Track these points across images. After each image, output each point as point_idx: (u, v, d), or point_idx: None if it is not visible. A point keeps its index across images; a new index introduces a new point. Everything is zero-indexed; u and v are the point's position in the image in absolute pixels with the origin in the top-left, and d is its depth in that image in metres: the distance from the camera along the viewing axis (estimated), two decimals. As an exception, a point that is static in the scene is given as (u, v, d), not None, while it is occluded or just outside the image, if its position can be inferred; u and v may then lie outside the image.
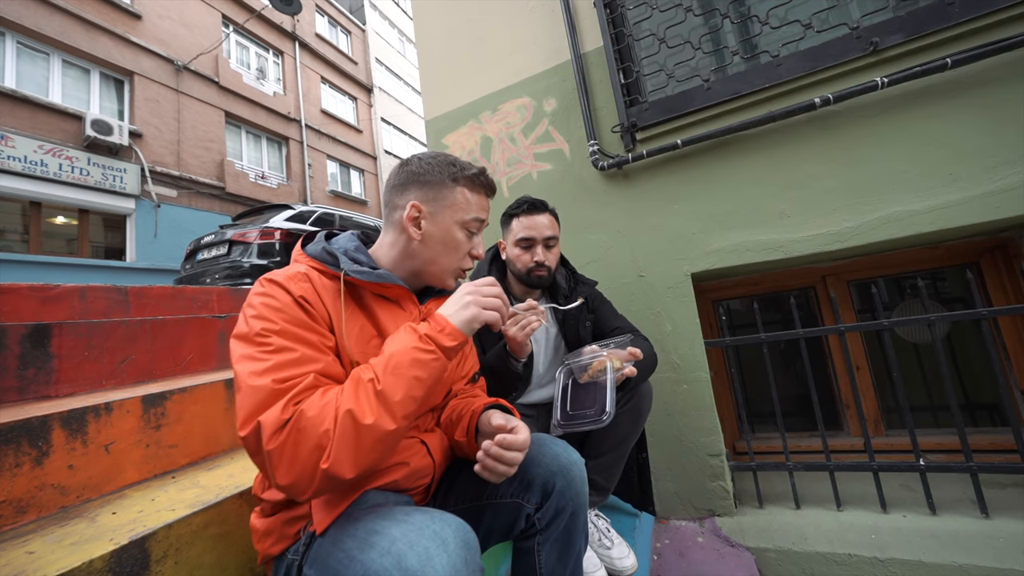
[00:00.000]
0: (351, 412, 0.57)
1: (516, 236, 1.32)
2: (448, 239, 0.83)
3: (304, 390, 0.60)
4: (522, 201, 1.34)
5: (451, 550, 0.56)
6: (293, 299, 0.68)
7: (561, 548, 0.82)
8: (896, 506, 1.40)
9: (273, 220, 4.69)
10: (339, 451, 0.56)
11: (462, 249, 0.84)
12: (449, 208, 0.82)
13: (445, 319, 0.69)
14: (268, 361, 0.61)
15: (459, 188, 0.83)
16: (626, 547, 1.28)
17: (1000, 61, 1.30)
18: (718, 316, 2.01)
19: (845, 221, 1.47)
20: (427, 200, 0.82)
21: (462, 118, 2.22)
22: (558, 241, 1.35)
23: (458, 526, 0.61)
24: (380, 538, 0.57)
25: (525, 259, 1.31)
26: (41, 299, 1.71)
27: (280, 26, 10.68)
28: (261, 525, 0.73)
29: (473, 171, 0.84)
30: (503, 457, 0.70)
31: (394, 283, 0.80)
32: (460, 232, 0.83)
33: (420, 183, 0.82)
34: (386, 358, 0.63)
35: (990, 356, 1.30)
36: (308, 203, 10.05)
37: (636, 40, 1.83)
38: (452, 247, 0.83)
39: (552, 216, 1.34)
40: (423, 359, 0.64)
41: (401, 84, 15.72)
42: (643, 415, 1.28)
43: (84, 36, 6.96)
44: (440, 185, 0.82)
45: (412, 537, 0.56)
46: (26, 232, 6.38)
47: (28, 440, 0.89)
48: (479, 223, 0.85)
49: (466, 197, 0.83)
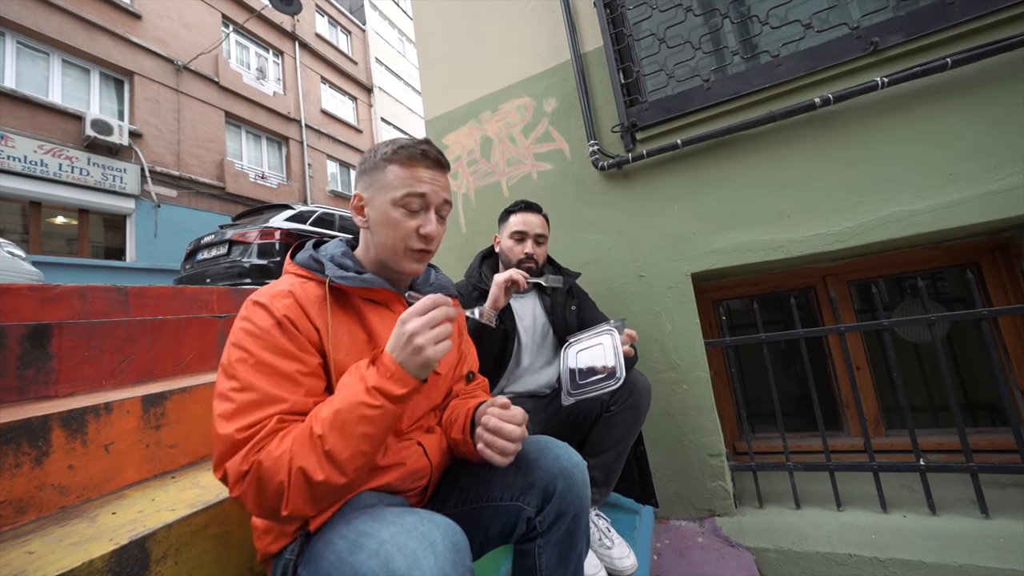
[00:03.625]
0: (303, 470, 0.58)
1: (511, 229, 1.46)
2: (386, 220, 0.80)
3: (264, 437, 0.61)
4: (519, 201, 1.50)
5: (439, 552, 0.56)
6: (275, 321, 0.68)
7: (562, 551, 0.82)
8: (896, 506, 1.40)
9: (273, 220, 4.69)
10: (295, 500, 0.59)
11: (402, 227, 0.79)
12: (382, 189, 0.80)
13: (394, 364, 0.64)
14: (234, 404, 0.63)
15: (390, 167, 0.80)
16: (626, 547, 1.28)
17: (1000, 61, 1.30)
18: (718, 316, 2.01)
19: (845, 221, 1.47)
20: (366, 186, 0.82)
21: (462, 118, 2.22)
22: (547, 241, 1.49)
23: (447, 527, 0.60)
24: (369, 540, 0.57)
25: (517, 250, 1.44)
26: (41, 299, 1.71)
27: (280, 26, 10.68)
28: (261, 523, 0.73)
29: (402, 144, 0.80)
30: (501, 430, 0.71)
31: (380, 287, 0.79)
32: (396, 211, 0.79)
33: (362, 172, 0.83)
34: (332, 413, 0.61)
35: (990, 356, 1.30)
36: (308, 203, 10.05)
37: (636, 40, 1.83)
38: (391, 227, 0.80)
39: (544, 219, 1.49)
40: (370, 415, 0.61)
41: (401, 84, 15.72)
42: (642, 412, 1.29)
43: (84, 36, 6.96)
44: (374, 169, 0.81)
45: (400, 539, 0.56)
46: (26, 232, 6.38)
47: (28, 440, 0.89)
48: (417, 197, 0.79)
49: (396, 174, 0.79)
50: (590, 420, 1.31)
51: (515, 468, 0.81)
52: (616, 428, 1.28)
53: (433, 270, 1.01)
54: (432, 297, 0.66)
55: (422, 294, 0.89)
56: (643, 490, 1.43)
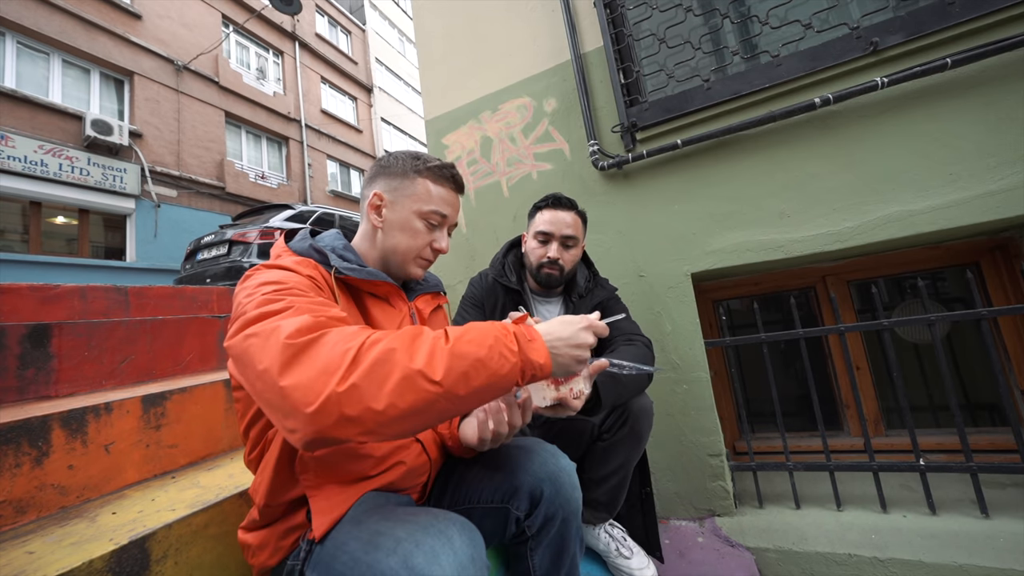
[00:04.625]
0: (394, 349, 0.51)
1: (536, 228, 1.29)
2: (406, 226, 0.83)
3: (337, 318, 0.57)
4: (549, 195, 1.31)
5: (457, 548, 0.56)
6: (302, 276, 0.67)
7: (555, 553, 0.83)
8: (896, 506, 1.40)
9: (273, 220, 4.70)
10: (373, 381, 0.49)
11: (420, 238, 0.84)
12: (409, 197, 0.83)
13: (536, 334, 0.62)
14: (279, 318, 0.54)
15: (421, 179, 0.83)
16: (645, 557, 1.22)
17: (1000, 61, 1.30)
18: (718, 316, 2.01)
19: (845, 221, 1.47)
20: (390, 189, 0.84)
21: (462, 118, 2.22)
22: (578, 243, 1.29)
23: (462, 524, 0.61)
24: (385, 539, 0.56)
25: (539, 253, 1.28)
26: (41, 299, 1.71)
27: (280, 26, 10.68)
28: (254, 539, 0.71)
29: (436, 163, 0.85)
30: None
31: (383, 280, 0.81)
32: (419, 221, 0.83)
33: (386, 174, 0.85)
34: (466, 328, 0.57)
35: (990, 356, 1.30)
36: (308, 203, 10.05)
37: (636, 40, 1.83)
38: (410, 234, 0.83)
39: (578, 216, 1.30)
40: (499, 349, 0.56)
41: (401, 84, 15.72)
42: (643, 436, 1.18)
43: (84, 36, 6.96)
44: (403, 176, 0.83)
45: (418, 536, 0.55)
46: (26, 232, 6.38)
47: (28, 440, 0.89)
48: (440, 217, 0.85)
49: (427, 188, 0.83)
50: (586, 438, 1.22)
51: (503, 470, 0.82)
52: (616, 455, 1.18)
53: None
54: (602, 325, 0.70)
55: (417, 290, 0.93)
56: (647, 537, 1.30)
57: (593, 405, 0.93)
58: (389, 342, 0.52)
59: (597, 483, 1.21)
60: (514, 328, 0.61)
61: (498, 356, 0.56)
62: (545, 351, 0.61)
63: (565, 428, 1.21)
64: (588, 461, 1.22)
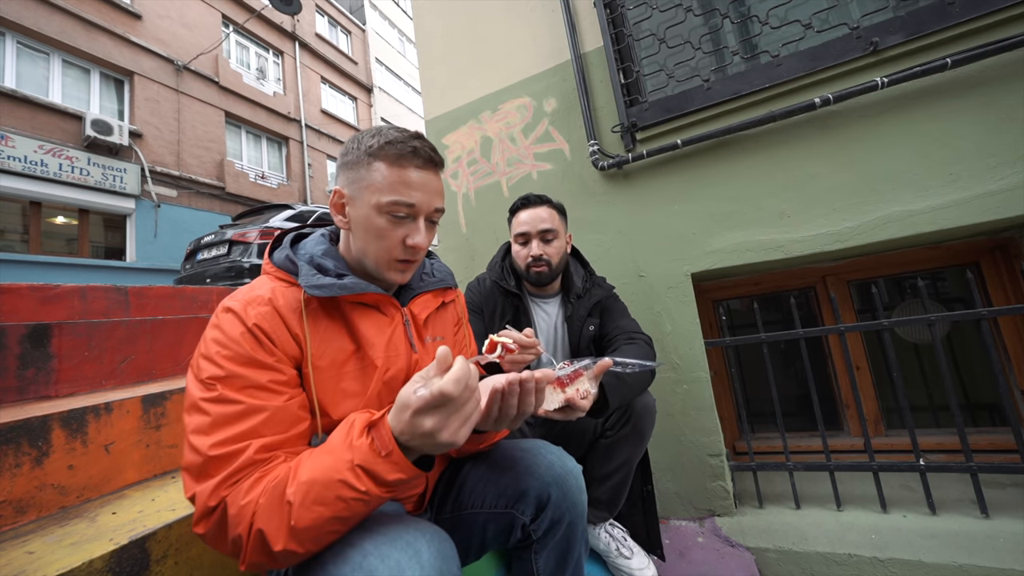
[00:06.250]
0: (262, 532, 0.51)
1: (515, 232, 1.30)
2: (369, 226, 0.69)
3: (240, 469, 0.55)
4: (520, 197, 1.33)
5: (424, 561, 0.54)
6: (246, 329, 0.61)
7: (559, 556, 0.81)
8: (896, 506, 1.40)
9: (273, 220, 4.70)
10: (253, 557, 0.52)
11: (388, 237, 0.69)
12: (367, 189, 0.68)
13: (393, 444, 0.52)
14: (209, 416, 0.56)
15: (376, 163, 0.68)
16: (645, 557, 1.22)
17: (1000, 61, 1.30)
18: (718, 316, 2.01)
19: (845, 221, 1.47)
20: (349, 182, 0.71)
21: (462, 118, 2.22)
22: (558, 235, 1.28)
23: (433, 535, 0.58)
24: (353, 552, 0.54)
25: (523, 254, 1.28)
26: (41, 299, 1.71)
27: (280, 26, 10.68)
28: None
29: (390, 138, 0.68)
30: None
31: (363, 292, 0.70)
32: (380, 217, 0.68)
33: (344, 164, 0.72)
34: (308, 481, 0.52)
35: (990, 356, 1.30)
36: (308, 203, 10.05)
37: (636, 40, 1.83)
38: (374, 234, 0.69)
39: (552, 208, 1.29)
40: (348, 498, 0.51)
41: (401, 84, 15.73)
42: (646, 434, 1.20)
43: (84, 36, 6.97)
44: (358, 163, 0.69)
45: (384, 550, 0.53)
46: (26, 232, 6.38)
47: (28, 440, 0.89)
48: (406, 207, 0.68)
49: (382, 174, 0.67)
50: (588, 437, 1.24)
51: (508, 474, 0.80)
52: (619, 453, 1.19)
53: (428, 259, 0.92)
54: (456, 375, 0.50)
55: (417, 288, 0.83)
56: (648, 536, 1.31)
57: (601, 406, 0.94)
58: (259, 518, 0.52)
59: (599, 481, 1.22)
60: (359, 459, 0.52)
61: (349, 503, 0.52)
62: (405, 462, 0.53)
63: (567, 425, 1.20)
64: (590, 459, 1.22)
